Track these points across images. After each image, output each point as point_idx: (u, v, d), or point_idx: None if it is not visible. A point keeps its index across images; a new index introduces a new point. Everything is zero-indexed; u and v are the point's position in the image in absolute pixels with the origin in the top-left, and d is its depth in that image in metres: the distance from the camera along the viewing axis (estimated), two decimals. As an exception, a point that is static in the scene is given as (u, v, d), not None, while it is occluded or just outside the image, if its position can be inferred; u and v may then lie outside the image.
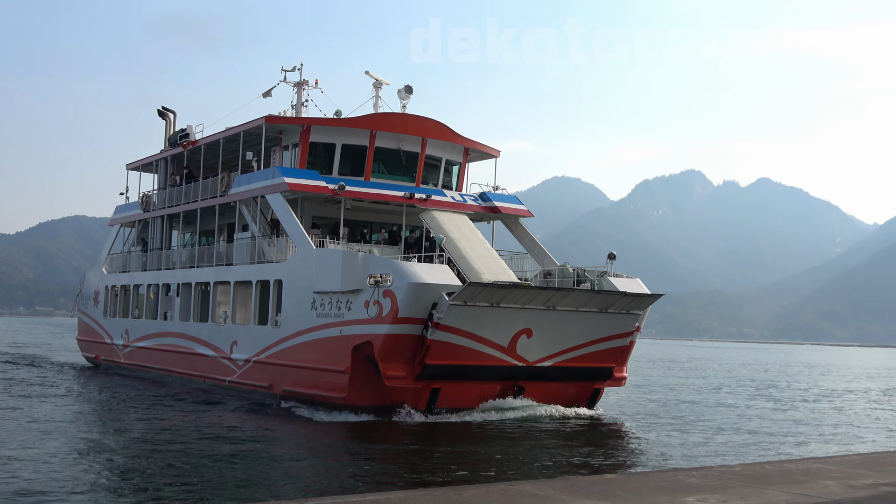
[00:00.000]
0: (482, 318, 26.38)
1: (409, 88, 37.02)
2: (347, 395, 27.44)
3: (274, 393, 31.25)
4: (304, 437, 25.00)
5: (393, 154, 35.09)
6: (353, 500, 10.23)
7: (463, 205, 35.45)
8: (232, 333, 34.87)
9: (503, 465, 20.30)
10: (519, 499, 10.52)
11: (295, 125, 34.72)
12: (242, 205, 35.28)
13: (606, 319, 28.70)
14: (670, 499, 10.60)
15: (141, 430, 25.15)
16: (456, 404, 27.23)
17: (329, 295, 28.42)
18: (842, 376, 74.90)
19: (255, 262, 34.02)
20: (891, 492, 11.51)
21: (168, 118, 46.89)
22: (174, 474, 18.39)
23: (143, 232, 47.12)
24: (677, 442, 25.60)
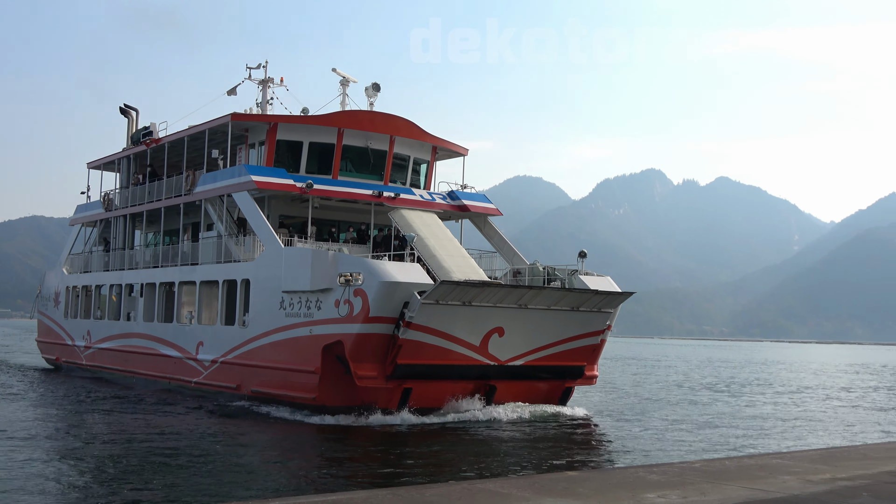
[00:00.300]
0: (454, 316, 26.20)
1: (376, 86, 36.79)
2: (318, 395, 27.11)
3: (242, 394, 30.83)
4: (270, 437, 24.67)
5: (361, 152, 34.81)
6: (316, 500, 10.15)
7: (432, 203, 35.26)
8: (198, 334, 34.38)
9: (471, 464, 20.16)
10: (482, 497, 10.54)
11: (261, 123, 34.33)
12: (208, 203, 34.79)
13: (578, 318, 28.64)
14: (631, 495, 10.67)
15: (103, 433, 24.65)
16: (427, 404, 27.00)
17: (298, 294, 28.07)
18: (800, 373, 75.68)
19: (221, 261, 33.54)
20: (848, 486, 11.62)
21: (130, 116, 46.19)
22: (136, 476, 18.05)
23: (105, 231, 46.36)
24: (640, 438, 25.63)
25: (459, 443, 23.64)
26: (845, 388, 54.67)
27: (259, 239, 31.07)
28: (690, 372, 70.28)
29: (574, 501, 10.25)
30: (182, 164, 39.14)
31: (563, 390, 30.05)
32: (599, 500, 10.34)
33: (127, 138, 45.42)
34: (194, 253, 36.13)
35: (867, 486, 11.64)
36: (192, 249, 36.31)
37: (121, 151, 44.66)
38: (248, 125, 34.72)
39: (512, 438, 24.42)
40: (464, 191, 37.01)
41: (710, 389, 48.91)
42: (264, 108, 39.39)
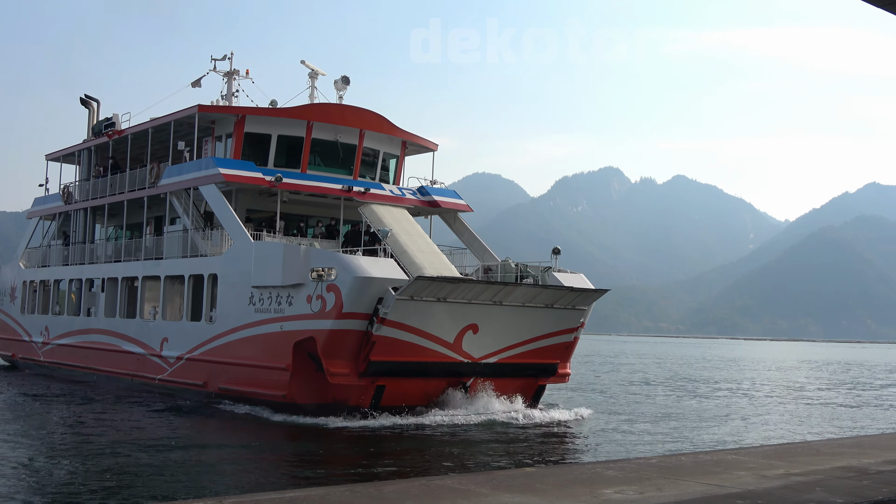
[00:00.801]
0: (429, 313, 25.81)
1: (345, 79, 36.26)
2: (288, 392, 26.58)
3: (208, 391, 30.20)
4: (234, 435, 24.23)
5: (330, 146, 34.33)
6: (273, 498, 10.05)
7: (402, 198, 34.87)
8: (162, 330, 33.65)
9: (434, 461, 20.01)
10: (440, 493, 10.50)
11: (229, 115, 33.67)
12: (173, 196, 34.06)
13: (552, 315, 28.42)
14: (589, 491, 10.69)
15: (60, 431, 24.03)
16: (401, 402, 26.58)
17: (269, 289, 27.51)
18: (755, 369, 76.51)
19: (187, 255, 32.86)
20: (802, 481, 11.72)
21: (91, 107, 45.20)
22: (94, 475, 17.62)
23: (65, 225, 45.34)
24: (600, 434, 25.58)
25: (431, 441, 23.28)
26: (800, 385, 55.37)
27: (227, 233, 30.45)
28: (650, 366, 70.59)
29: (532, 498, 10.24)
30: (146, 156, 38.37)
31: (536, 388, 29.79)
32: (557, 496, 10.34)
33: (88, 130, 44.45)
34: (158, 247, 35.38)
35: (820, 482, 11.80)
36: (156, 243, 35.56)
37: (81, 143, 43.65)
38: (214, 117, 34.04)
39: (485, 439, 24.08)
40: (433, 186, 36.67)
41: (669, 385, 49.06)
42: (229, 100, 38.73)
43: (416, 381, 26.76)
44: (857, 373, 75.03)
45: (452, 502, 9.93)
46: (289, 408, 26.53)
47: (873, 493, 10.99)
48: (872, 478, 12.27)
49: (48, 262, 45.64)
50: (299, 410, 26.30)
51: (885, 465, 13.51)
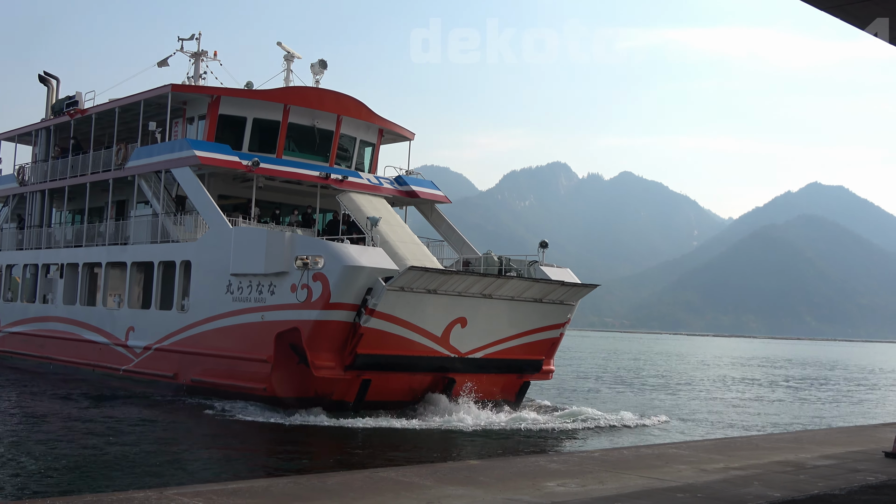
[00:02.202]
0: (419, 305, 24.92)
1: (323, 63, 35.19)
2: (269, 385, 25.49)
3: (179, 383, 28.97)
4: (193, 427, 23.39)
5: (306, 131, 33.22)
6: (215, 489, 9.91)
7: (379, 188, 33.89)
8: (128, 318, 32.28)
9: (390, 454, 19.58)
10: (383, 485, 10.49)
11: (203, 95, 32.35)
12: (142, 179, 32.66)
13: (541, 310, 27.73)
14: (532, 484, 10.75)
15: (12, 422, 23.05)
16: (385, 397, 25.68)
17: (249, 277, 26.38)
18: (697, 364, 77.51)
19: (157, 241, 31.52)
20: (740, 475, 11.90)
21: (50, 84, 43.34)
22: (42, 465, 17.14)
23: (19, 208, 43.50)
24: (543, 429, 24.77)
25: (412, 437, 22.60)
26: (740, 380, 56.35)
27: (203, 218, 29.21)
28: (597, 361, 70.51)
29: (475, 490, 10.24)
30: (110, 137, 36.80)
31: (521, 385, 29.08)
32: (500, 489, 10.34)
33: (46, 108, 42.68)
34: (124, 232, 33.97)
35: (758, 476, 11.97)
36: (122, 228, 34.11)
37: (39, 122, 41.91)
38: (187, 97, 32.71)
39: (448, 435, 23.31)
40: (410, 176, 35.77)
41: (611, 379, 48.87)
42: (196, 82, 37.32)
43: (402, 375, 25.87)
44: (800, 370, 76.27)
45: (396, 494, 9.82)
46: (269, 401, 25.46)
47: (809, 488, 11.14)
48: (809, 472, 12.42)
49: (0, 245, 43.81)
50: (279, 404, 25.26)
51: (821, 459, 13.70)
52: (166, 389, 29.17)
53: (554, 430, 24.47)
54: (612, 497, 10.19)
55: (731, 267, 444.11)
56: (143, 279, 32.65)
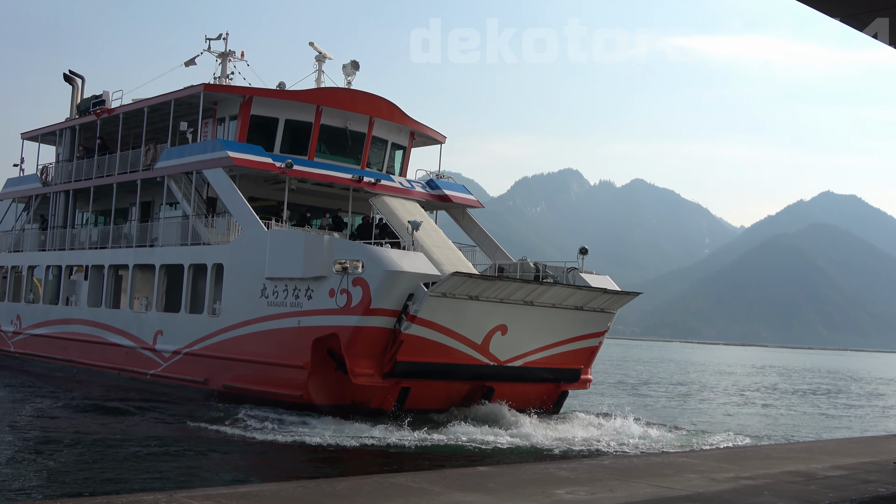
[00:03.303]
0: (460, 312, 24.19)
1: (355, 64, 34.52)
2: (305, 392, 24.80)
3: (210, 388, 28.30)
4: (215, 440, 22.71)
5: (338, 133, 32.60)
6: (224, 493, 9.88)
7: (411, 191, 33.28)
8: (156, 322, 31.63)
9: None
10: (392, 490, 10.44)
11: (235, 95, 31.75)
12: (171, 180, 32.04)
13: (581, 317, 27.00)
14: (541, 491, 10.69)
15: (31, 424, 22.86)
16: (423, 405, 24.95)
17: (285, 282, 25.70)
18: (710, 373, 76.92)
19: (187, 243, 30.89)
20: (751, 485, 11.81)
21: (75, 84, 42.81)
22: (56, 467, 17.24)
23: (42, 208, 42.97)
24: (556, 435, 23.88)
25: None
26: (753, 389, 56.20)
27: (236, 220, 28.57)
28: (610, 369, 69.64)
29: (485, 497, 10.17)
30: (136, 137, 36.21)
31: (559, 395, 28.33)
32: (510, 496, 10.27)
33: (71, 107, 42.16)
34: (151, 234, 33.37)
35: (769, 486, 11.87)
36: (150, 230, 33.51)
37: (64, 122, 41.37)
38: (218, 97, 32.12)
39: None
40: (442, 180, 35.11)
41: (624, 387, 48.11)
42: (223, 82, 36.76)
43: (441, 383, 25.16)
44: (814, 379, 75.82)
45: (405, 500, 9.75)
46: (305, 408, 24.78)
47: (820, 498, 11.02)
48: (819, 483, 12.31)
49: (21, 246, 43.29)
50: (316, 411, 24.58)
51: (832, 470, 13.57)
52: (196, 394, 28.52)
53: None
54: None
55: (742, 275, 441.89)
56: (172, 282, 31.97)
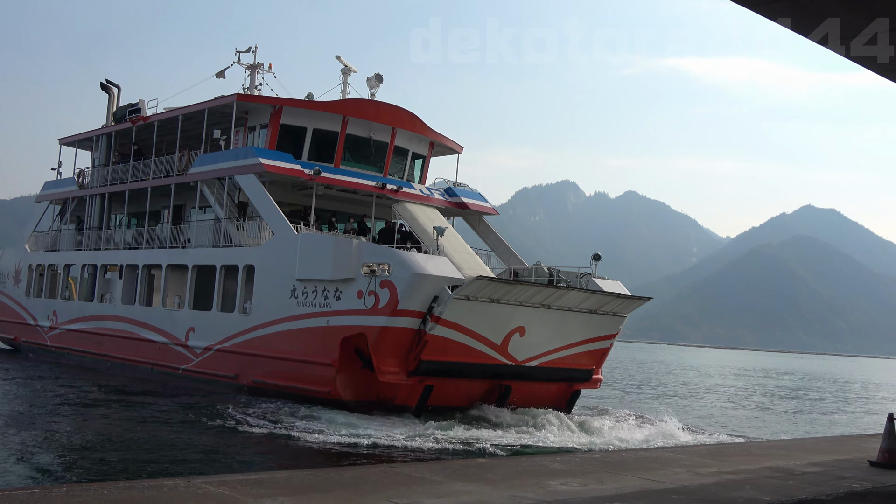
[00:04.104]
0: (482, 314, 23.77)
1: (379, 77, 34.17)
2: (333, 389, 24.38)
3: (241, 383, 27.86)
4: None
5: (362, 142, 32.21)
6: (239, 479, 9.86)
7: (431, 198, 32.92)
8: (188, 319, 31.20)
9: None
10: (397, 479, 10.44)
11: (266, 105, 31.37)
12: (204, 185, 31.65)
13: (595, 321, 26.54)
14: (536, 482, 10.71)
15: (63, 412, 22.60)
16: (445, 402, 24.53)
17: (315, 283, 25.28)
18: (696, 374, 76.66)
19: (219, 245, 30.48)
20: (733, 479, 11.83)
21: (112, 92, 42.43)
22: (86, 452, 17.34)
23: (78, 210, 42.59)
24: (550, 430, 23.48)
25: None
26: (738, 389, 56.26)
27: (267, 224, 28.16)
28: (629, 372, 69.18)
29: (483, 486, 10.16)
30: (169, 144, 35.87)
31: (572, 393, 27.87)
32: (506, 487, 10.27)
33: (107, 115, 41.77)
34: (184, 235, 32.97)
35: (749, 480, 11.89)
36: (183, 231, 33.11)
37: (100, 128, 40.98)
38: (250, 107, 31.74)
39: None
40: (459, 188, 34.71)
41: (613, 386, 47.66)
42: (252, 92, 36.39)
43: (462, 381, 24.72)
44: (798, 382, 75.56)
45: (408, 488, 9.76)
46: (333, 404, 24.36)
47: (798, 493, 11.08)
48: (797, 478, 12.35)
49: (58, 246, 42.89)
50: (342, 407, 24.16)
51: (809, 467, 13.61)
52: (227, 389, 28.09)
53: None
54: (610, 496, 10.07)
55: (727, 283, 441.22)
56: (202, 282, 31.55)
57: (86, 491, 8.71)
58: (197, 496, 8.68)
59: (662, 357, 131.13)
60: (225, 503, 8.47)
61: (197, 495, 8.72)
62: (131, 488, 9.02)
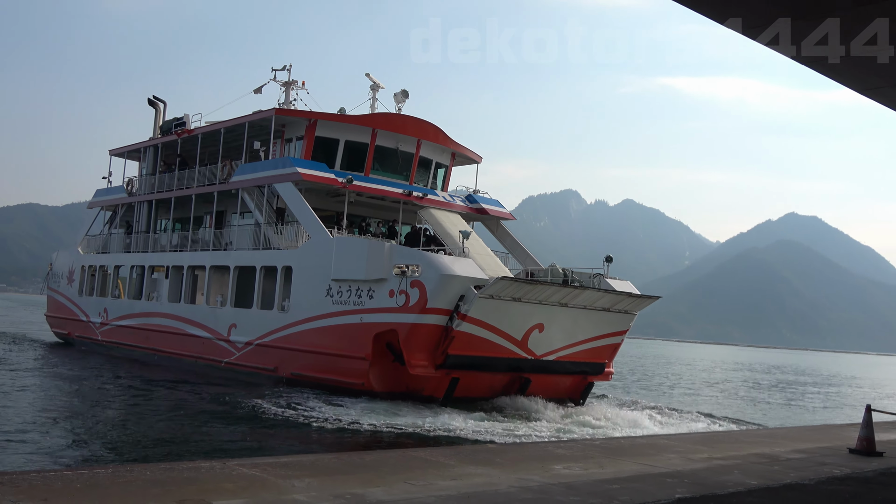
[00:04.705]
0: (504, 311, 23.48)
1: (405, 92, 33.87)
2: (366, 381, 24.13)
3: (280, 376, 27.62)
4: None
5: (390, 153, 31.95)
6: (270, 462, 9.89)
7: (453, 205, 32.62)
8: (230, 316, 30.97)
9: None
10: (413, 462, 10.44)
11: (302, 119, 31.14)
12: (245, 192, 31.45)
13: (608, 318, 26.20)
14: (541, 466, 10.71)
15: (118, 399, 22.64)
16: (469, 394, 24.23)
17: (349, 283, 25.01)
18: (691, 368, 76.75)
19: (259, 248, 30.29)
20: (722, 464, 11.89)
21: (158, 107, 42.34)
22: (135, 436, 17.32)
23: (127, 215, 42.51)
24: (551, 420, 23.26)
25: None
26: (730, 381, 56.17)
27: (304, 228, 27.92)
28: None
29: (492, 470, 10.18)
30: (210, 154, 35.71)
31: (586, 385, 27.54)
32: (514, 470, 10.30)
33: (154, 128, 41.67)
34: (225, 239, 32.80)
35: (738, 465, 11.91)
36: (225, 235, 32.95)
37: (147, 140, 40.87)
38: (286, 120, 31.52)
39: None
40: (479, 195, 34.41)
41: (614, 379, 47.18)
42: (286, 107, 36.15)
43: (485, 374, 24.41)
44: (784, 376, 75.07)
45: (424, 471, 9.76)
46: (365, 394, 24.11)
47: (782, 477, 11.09)
48: (782, 464, 12.35)
49: (108, 248, 42.80)
50: (374, 397, 23.90)
51: (793, 453, 13.60)
52: (267, 381, 27.85)
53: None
54: (609, 479, 10.04)
55: (717, 284, 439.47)
56: (243, 281, 31.33)
57: (130, 472, 8.73)
58: (231, 477, 8.71)
59: (659, 352, 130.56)
60: (256, 483, 8.49)
61: (231, 476, 8.76)
62: (172, 469, 9.07)
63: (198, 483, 8.31)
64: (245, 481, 8.51)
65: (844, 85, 12.29)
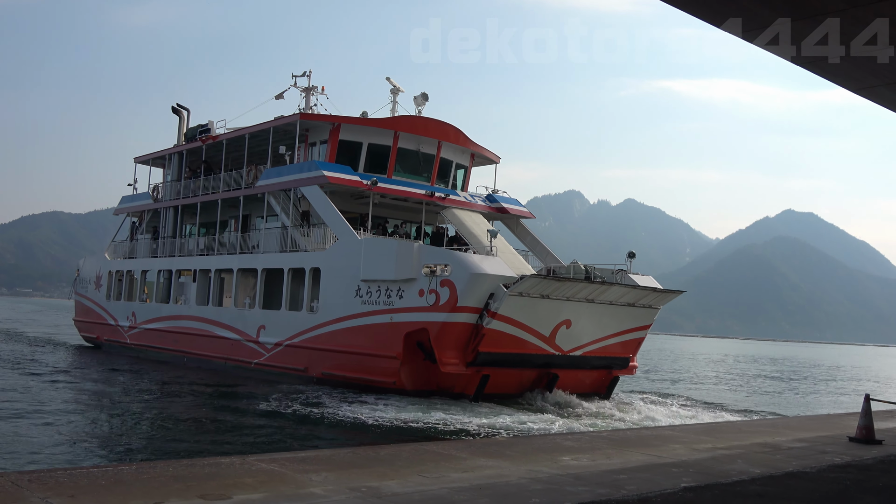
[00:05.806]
0: (533, 308, 22.85)
1: (425, 95, 33.29)
2: (398, 379, 23.52)
3: (310, 376, 27.03)
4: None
5: (412, 155, 31.36)
6: (288, 457, 9.80)
7: (474, 204, 32.00)
8: (259, 318, 30.41)
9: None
10: (427, 456, 10.39)
11: (325, 123, 30.58)
12: (271, 196, 30.90)
13: (632, 313, 25.56)
14: (550, 457, 10.67)
15: (147, 399, 22.23)
16: (499, 390, 23.62)
17: (378, 283, 24.42)
18: (691, 360, 76.11)
19: (286, 250, 29.72)
20: (726, 454, 11.81)
21: (182, 115, 41.85)
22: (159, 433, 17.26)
23: (153, 221, 42.01)
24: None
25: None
26: (733, 373, 55.60)
27: (332, 230, 27.34)
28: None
29: (503, 462, 10.14)
30: (234, 160, 35.18)
31: (611, 379, 26.90)
32: (524, 462, 10.25)
33: (178, 135, 41.17)
34: (252, 242, 32.23)
35: (741, 455, 11.85)
36: (251, 238, 32.38)
37: (172, 147, 40.38)
38: (310, 124, 30.97)
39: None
40: (498, 195, 33.80)
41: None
42: (307, 112, 35.58)
43: (515, 371, 23.79)
44: (779, 366, 74.50)
45: (436, 464, 9.75)
46: (397, 392, 23.51)
47: (785, 466, 11.04)
48: (784, 453, 12.28)
49: (135, 254, 42.31)
50: (406, 395, 23.29)
51: (794, 442, 13.51)
52: (297, 381, 27.27)
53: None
54: (617, 470, 9.99)
55: (717, 279, 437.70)
56: (271, 284, 30.77)
57: (153, 468, 8.70)
58: (251, 472, 8.72)
59: (663, 346, 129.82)
60: (275, 478, 8.48)
61: (251, 471, 8.75)
62: (193, 465, 9.05)
63: (218, 478, 8.34)
64: (264, 476, 8.54)
65: (841, 85, 12.13)
